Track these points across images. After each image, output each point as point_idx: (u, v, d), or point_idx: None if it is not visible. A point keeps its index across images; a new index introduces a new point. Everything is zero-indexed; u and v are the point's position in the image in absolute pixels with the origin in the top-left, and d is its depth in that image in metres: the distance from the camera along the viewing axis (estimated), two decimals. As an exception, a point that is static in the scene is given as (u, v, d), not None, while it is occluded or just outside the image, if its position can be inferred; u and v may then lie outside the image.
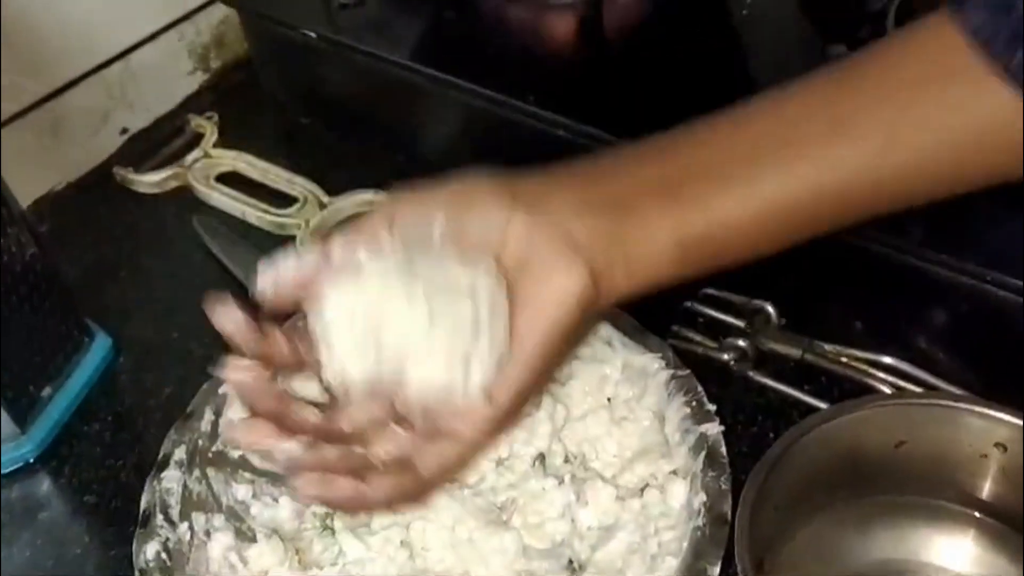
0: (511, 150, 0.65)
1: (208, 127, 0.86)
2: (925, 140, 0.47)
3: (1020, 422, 0.51)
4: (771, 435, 0.60)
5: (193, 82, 0.92)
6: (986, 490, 0.54)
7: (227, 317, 0.47)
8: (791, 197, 0.48)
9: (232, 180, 0.82)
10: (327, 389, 0.48)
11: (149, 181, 0.83)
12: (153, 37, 0.88)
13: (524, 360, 0.46)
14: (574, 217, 0.47)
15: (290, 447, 0.46)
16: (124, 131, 0.87)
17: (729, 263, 0.50)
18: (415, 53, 0.81)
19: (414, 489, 0.47)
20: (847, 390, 0.61)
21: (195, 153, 0.84)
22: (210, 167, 0.83)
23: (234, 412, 0.59)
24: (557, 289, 0.46)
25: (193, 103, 0.90)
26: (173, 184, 0.83)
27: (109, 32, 0.85)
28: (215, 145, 0.85)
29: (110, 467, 0.64)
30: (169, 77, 0.90)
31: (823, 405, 0.60)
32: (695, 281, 0.66)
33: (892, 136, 0.47)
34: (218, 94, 0.92)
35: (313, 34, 0.84)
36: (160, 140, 0.87)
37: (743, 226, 0.48)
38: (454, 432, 0.47)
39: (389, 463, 0.47)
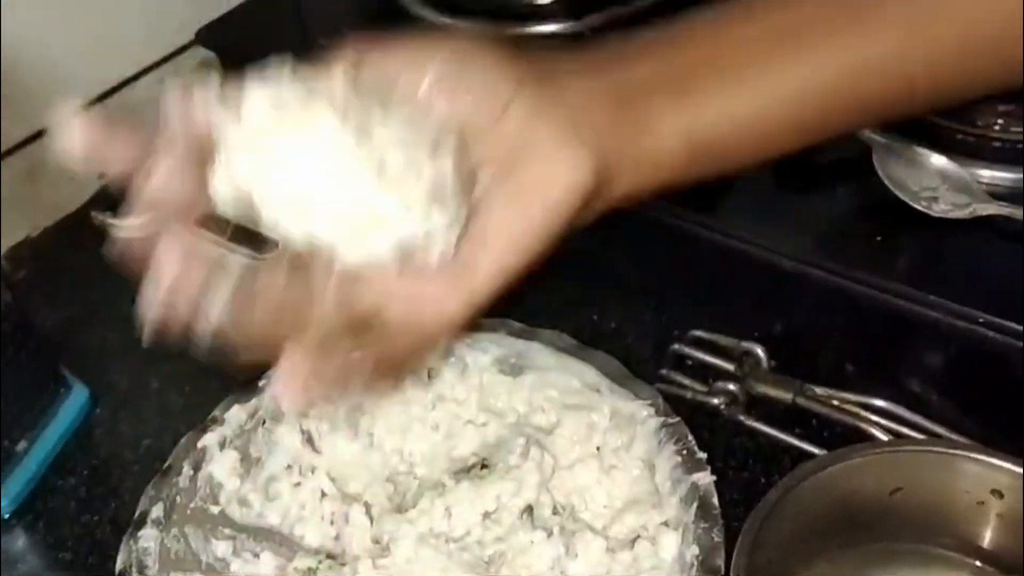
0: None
1: (188, 170, 0.85)
2: (946, 34, 0.47)
3: (1018, 469, 0.50)
4: (762, 480, 0.59)
5: (174, 125, 0.91)
6: (985, 538, 0.53)
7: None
8: (805, 91, 0.47)
9: (213, 222, 0.81)
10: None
11: (128, 226, 0.82)
12: (133, 79, 0.87)
13: (514, 244, 0.43)
14: (584, 104, 0.44)
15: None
16: (102, 175, 0.86)
17: (736, 165, 0.49)
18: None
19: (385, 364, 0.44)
20: (839, 434, 0.60)
21: (175, 197, 0.83)
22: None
23: (216, 466, 0.58)
24: (560, 176, 0.43)
25: (174, 146, 0.89)
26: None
27: (87, 75, 0.84)
28: (195, 188, 0.84)
29: (86, 523, 0.62)
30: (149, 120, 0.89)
31: (815, 449, 0.59)
32: (684, 319, 0.66)
33: (913, 29, 0.46)
34: (199, 137, 0.91)
35: (294, 76, 0.83)
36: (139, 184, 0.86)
37: (754, 122, 0.47)
38: (429, 296, 0.43)
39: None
